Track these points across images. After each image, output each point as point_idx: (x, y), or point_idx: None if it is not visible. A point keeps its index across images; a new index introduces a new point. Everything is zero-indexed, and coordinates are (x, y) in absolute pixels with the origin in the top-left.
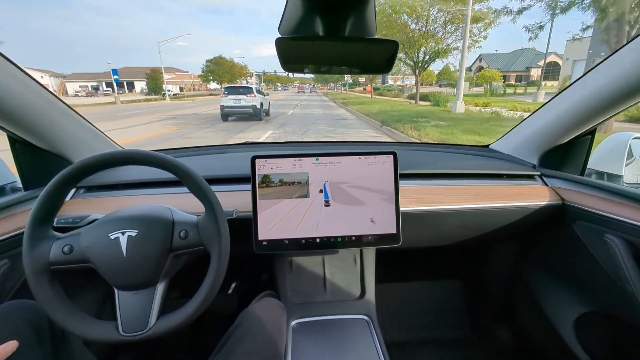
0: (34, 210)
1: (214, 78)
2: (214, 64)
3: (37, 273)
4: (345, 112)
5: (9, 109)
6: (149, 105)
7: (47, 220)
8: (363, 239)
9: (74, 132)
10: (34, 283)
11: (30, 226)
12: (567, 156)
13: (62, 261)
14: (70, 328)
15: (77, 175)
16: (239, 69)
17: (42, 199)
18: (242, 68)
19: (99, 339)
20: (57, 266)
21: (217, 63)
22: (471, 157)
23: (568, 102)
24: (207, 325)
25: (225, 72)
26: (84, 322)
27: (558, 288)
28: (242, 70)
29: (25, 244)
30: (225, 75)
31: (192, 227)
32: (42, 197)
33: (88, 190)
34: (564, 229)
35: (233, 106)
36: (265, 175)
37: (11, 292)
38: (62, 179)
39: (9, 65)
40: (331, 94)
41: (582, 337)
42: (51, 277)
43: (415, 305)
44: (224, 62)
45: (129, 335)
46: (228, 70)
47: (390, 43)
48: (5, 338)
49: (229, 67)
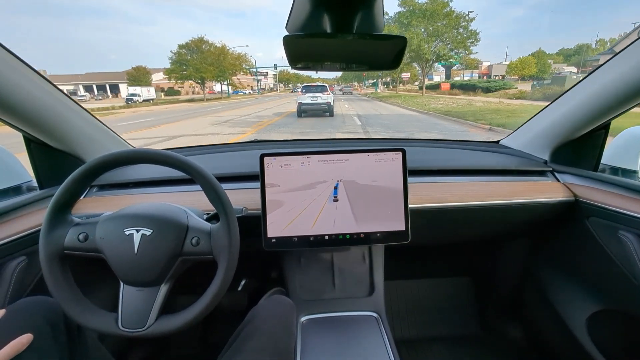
0: (56, 196)
1: (189, 74)
2: (190, 51)
3: (50, 255)
4: None
5: (25, 110)
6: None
7: (67, 206)
8: (371, 236)
9: (87, 132)
10: (46, 264)
11: (51, 211)
12: (580, 151)
13: (75, 247)
14: (73, 314)
15: (97, 170)
16: (233, 60)
17: (66, 186)
18: (239, 58)
19: (97, 328)
20: (71, 251)
21: (195, 49)
22: (481, 154)
23: (581, 96)
24: (217, 321)
25: (208, 63)
26: (86, 310)
27: (570, 285)
28: (238, 61)
29: (43, 227)
30: (209, 68)
31: (204, 235)
32: (67, 184)
33: (101, 189)
34: (576, 226)
35: (310, 103)
36: (274, 172)
37: (28, 289)
38: (84, 172)
39: (26, 68)
40: (378, 95)
41: (595, 335)
42: (63, 262)
43: (424, 303)
44: (207, 49)
45: (127, 331)
46: (214, 62)
47: (399, 39)
48: (21, 332)
49: (216, 56)
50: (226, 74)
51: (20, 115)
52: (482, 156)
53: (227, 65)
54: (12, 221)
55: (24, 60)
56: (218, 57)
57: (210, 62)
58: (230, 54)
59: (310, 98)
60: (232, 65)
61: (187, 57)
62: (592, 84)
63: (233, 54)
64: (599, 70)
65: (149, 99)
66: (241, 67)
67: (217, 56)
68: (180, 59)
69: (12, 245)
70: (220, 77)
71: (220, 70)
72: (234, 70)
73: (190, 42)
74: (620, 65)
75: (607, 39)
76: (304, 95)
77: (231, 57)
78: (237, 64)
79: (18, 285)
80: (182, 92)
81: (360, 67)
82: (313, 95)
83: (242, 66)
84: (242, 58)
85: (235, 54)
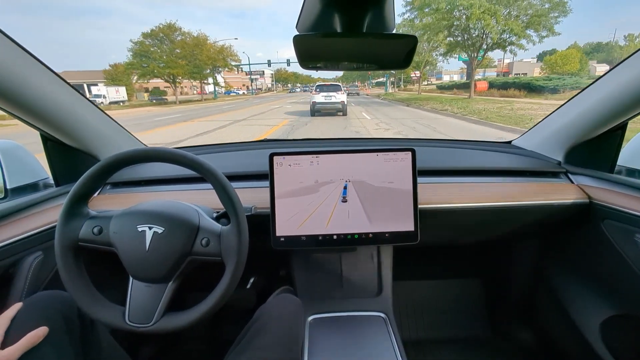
0: (74, 190)
1: (152, 69)
2: (158, 41)
3: (65, 246)
4: None
5: (44, 110)
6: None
7: (84, 199)
8: (380, 236)
9: (101, 131)
10: (60, 255)
11: (68, 203)
12: (595, 152)
13: (90, 240)
14: (82, 304)
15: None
16: (214, 54)
17: (83, 180)
18: (221, 52)
19: (104, 320)
20: (85, 243)
21: (165, 39)
22: (492, 154)
23: (597, 96)
24: (226, 318)
25: (178, 57)
26: (96, 302)
27: (583, 289)
28: (220, 55)
29: (60, 218)
30: (179, 63)
31: (214, 236)
32: (84, 179)
33: (114, 187)
34: (590, 228)
35: (324, 102)
36: (283, 172)
37: (44, 283)
38: (101, 169)
39: (43, 69)
40: (396, 97)
41: (610, 340)
42: (77, 253)
43: (433, 304)
44: (180, 39)
45: (133, 325)
46: (186, 55)
47: (409, 38)
48: (37, 325)
49: (190, 48)
50: (203, 71)
51: (39, 115)
52: (494, 156)
53: (204, 59)
54: (29, 217)
55: (44, 62)
56: (193, 50)
57: (182, 55)
58: (211, 46)
59: (325, 97)
60: (211, 59)
61: (150, 48)
62: (609, 83)
63: (214, 46)
64: (615, 69)
65: (117, 100)
66: (225, 62)
67: (191, 48)
68: (142, 51)
69: (29, 241)
70: (195, 74)
71: (195, 65)
72: (214, 66)
73: (156, 30)
74: (638, 64)
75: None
76: (318, 95)
77: (211, 50)
78: (219, 58)
79: (34, 279)
80: (170, 92)
81: (370, 67)
82: (327, 95)
83: (226, 62)
84: (226, 52)
85: (218, 47)
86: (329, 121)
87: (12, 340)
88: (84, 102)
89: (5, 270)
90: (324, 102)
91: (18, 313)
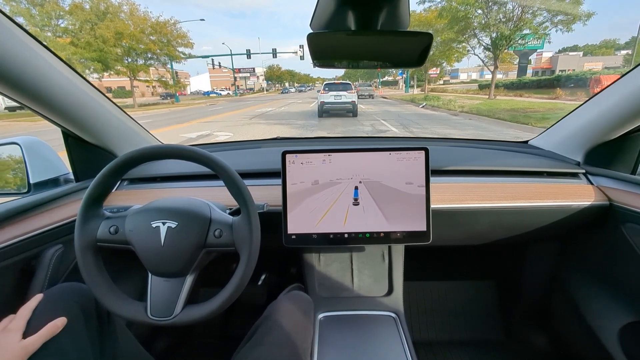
0: (89, 191)
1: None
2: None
3: (84, 247)
4: None
5: (66, 108)
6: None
7: (99, 200)
8: (391, 235)
9: (119, 128)
10: (80, 256)
11: (84, 205)
12: (616, 153)
13: (107, 239)
14: (105, 302)
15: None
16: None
17: (97, 180)
18: (158, 30)
19: (128, 316)
20: (103, 243)
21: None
22: (508, 154)
23: (619, 94)
24: (237, 314)
25: (62, 29)
26: (118, 299)
27: (601, 293)
28: (158, 35)
29: (78, 220)
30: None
31: (227, 227)
32: (98, 178)
33: (131, 183)
34: (610, 231)
35: (333, 102)
36: (296, 169)
37: (64, 275)
38: (114, 167)
39: (66, 68)
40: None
41: (628, 347)
42: (96, 253)
43: (445, 305)
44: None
45: (156, 319)
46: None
47: (425, 35)
48: (56, 315)
49: (86, 16)
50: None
51: (61, 112)
52: (510, 156)
53: (111, 38)
54: (50, 211)
55: (66, 61)
56: (92, 21)
57: (106, 36)
58: (141, 19)
59: (334, 97)
60: (135, 40)
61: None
62: (631, 82)
63: (143, 20)
64: (637, 69)
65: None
66: (170, 49)
67: (88, 17)
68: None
69: (51, 234)
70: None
71: (99, 50)
72: (146, 51)
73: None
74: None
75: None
76: (327, 94)
77: (139, 25)
78: (157, 41)
79: (55, 271)
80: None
81: (384, 65)
82: (337, 94)
83: (171, 48)
84: (167, 31)
85: (151, 22)
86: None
87: (33, 329)
88: (104, 100)
89: (28, 262)
90: (333, 102)
91: (39, 304)
